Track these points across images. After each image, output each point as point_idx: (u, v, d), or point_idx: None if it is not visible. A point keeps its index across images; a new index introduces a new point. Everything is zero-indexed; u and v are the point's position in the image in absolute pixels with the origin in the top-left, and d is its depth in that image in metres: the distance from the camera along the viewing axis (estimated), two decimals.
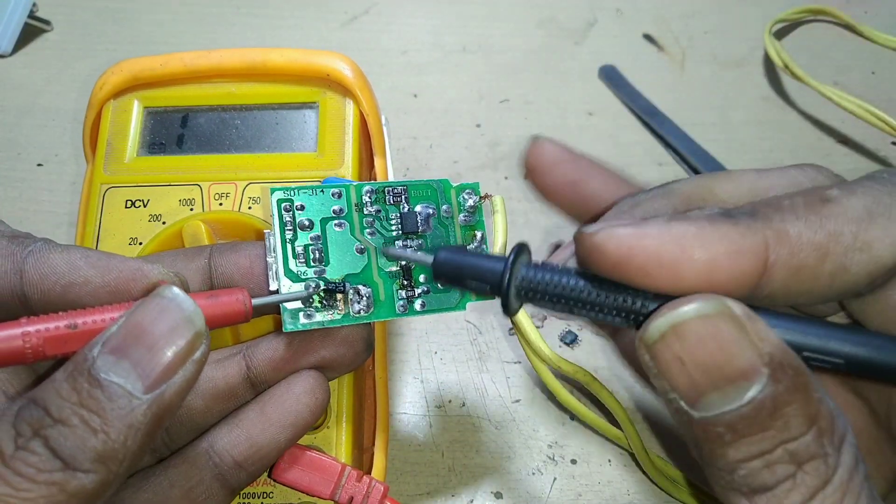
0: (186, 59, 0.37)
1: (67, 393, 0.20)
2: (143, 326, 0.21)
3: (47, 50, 0.54)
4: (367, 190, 0.26)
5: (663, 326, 0.19)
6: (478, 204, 0.27)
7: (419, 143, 0.49)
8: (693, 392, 0.19)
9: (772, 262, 0.19)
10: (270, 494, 0.30)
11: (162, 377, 0.21)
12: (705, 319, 0.19)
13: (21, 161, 0.48)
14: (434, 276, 0.24)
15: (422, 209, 0.27)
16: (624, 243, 0.19)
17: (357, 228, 0.26)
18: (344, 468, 0.29)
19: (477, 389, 0.39)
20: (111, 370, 0.20)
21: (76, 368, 0.20)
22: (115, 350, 0.21)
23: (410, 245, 0.27)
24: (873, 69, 0.53)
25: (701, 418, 0.19)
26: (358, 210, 0.26)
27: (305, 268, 0.25)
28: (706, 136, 0.48)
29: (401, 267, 0.26)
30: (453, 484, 0.36)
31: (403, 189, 0.27)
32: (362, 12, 0.56)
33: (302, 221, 0.26)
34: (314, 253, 0.26)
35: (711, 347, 0.19)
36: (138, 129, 0.37)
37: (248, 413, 0.26)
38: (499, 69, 0.53)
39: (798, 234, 0.19)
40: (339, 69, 0.36)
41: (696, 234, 0.19)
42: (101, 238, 0.34)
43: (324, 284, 0.25)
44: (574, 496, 0.36)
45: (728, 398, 0.19)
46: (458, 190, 0.27)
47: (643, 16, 0.56)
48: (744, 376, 0.19)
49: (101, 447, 0.19)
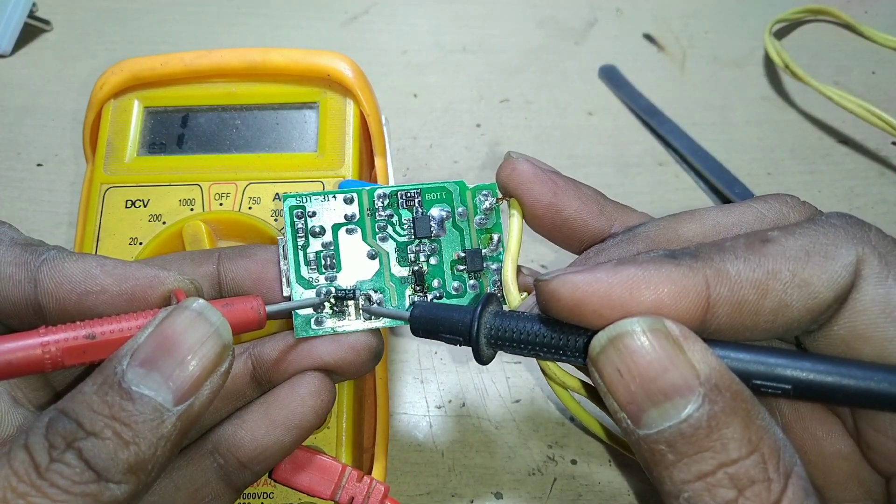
0: (186, 58, 0.37)
1: (99, 405, 0.20)
2: (173, 339, 0.21)
3: (47, 50, 0.54)
4: (380, 194, 0.26)
5: (604, 340, 0.21)
6: (494, 206, 0.27)
7: (419, 143, 0.49)
8: (634, 407, 0.20)
9: (714, 299, 0.21)
10: (271, 495, 0.30)
11: (191, 390, 0.21)
12: (641, 334, 0.20)
13: (21, 161, 0.48)
14: (412, 331, 0.25)
15: (436, 212, 0.26)
16: (578, 289, 0.21)
17: (369, 234, 0.26)
18: (344, 468, 0.29)
19: (477, 389, 0.39)
20: (142, 382, 0.20)
21: (106, 381, 0.20)
22: (145, 362, 0.21)
23: (424, 249, 0.26)
24: (873, 69, 0.53)
25: (644, 435, 0.20)
26: (370, 215, 0.26)
27: (317, 274, 0.25)
28: (706, 136, 0.48)
29: (413, 272, 0.26)
30: (453, 484, 0.36)
31: (417, 192, 0.26)
32: (362, 12, 0.56)
33: (314, 228, 0.26)
34: (326, 259, 0.26)
35: (647, 360, 0.20)
36: (138, 128, 0.37)
37: (253, 414, 0.26)
38: (499, 69, 0.53)
39: (737, 273, 0.21)
40: (340, 69, 0.36)
41: (642, 277, 0.21)
42: (100, 238, 0.34)
43: (335, 291, 0.25)
44: (574, 496, 0.36)
45: (666, 415, 0.20)
46: (474, 191, 0.27)
47: (643, 16, 0.56)
48: (678, 392, 0.19)
49: (132, 459, 0.20)
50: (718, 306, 0.21)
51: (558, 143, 0.49)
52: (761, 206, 0.24)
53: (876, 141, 0.49)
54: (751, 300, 0.21)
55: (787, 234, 0.21)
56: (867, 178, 0.48)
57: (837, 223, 0.22)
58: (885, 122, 0.46)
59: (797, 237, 0.21)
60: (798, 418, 0.25)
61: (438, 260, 0.26)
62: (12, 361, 0.21)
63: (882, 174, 0.48)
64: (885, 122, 0.46)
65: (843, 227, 0.22)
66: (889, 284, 0.21)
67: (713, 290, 0.21)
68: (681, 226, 0.24)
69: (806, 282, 0.21)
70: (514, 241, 0.25)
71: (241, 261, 0.27)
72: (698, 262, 0.21)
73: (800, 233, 0.21)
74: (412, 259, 0.26)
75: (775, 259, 0.21)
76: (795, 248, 0.21)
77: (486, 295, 0.24)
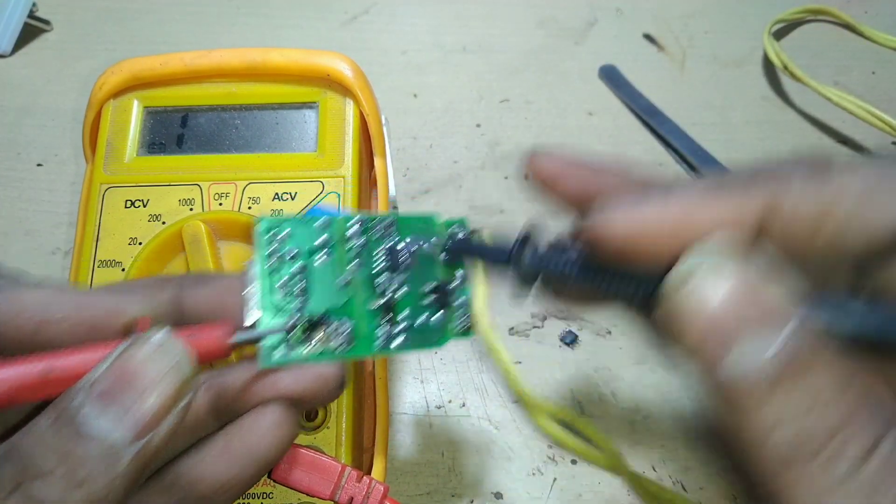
0: (186, 58, 0.37)
1: (51, 443, 0.19)
2: (132, 372, 0.20)
3: (47, 50, 0.54)
4: (354, 222, 0.26)
5: (679, 278, 0.19)
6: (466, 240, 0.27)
7: (419, 143, 0.49)
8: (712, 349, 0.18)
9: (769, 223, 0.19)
10: (270, 495, 0.30)
11: (150, 425, 0.20)
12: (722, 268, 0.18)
13: (21, 161, 0.48)
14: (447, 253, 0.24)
15: (408, 243, 0.26)
16: (630, 218, 0.20)
17: (342, 262, 0.25)
18: (344, 468, 0.29)
19: (477, 389, 0.39)
20: (99, 417, 0.19)
21: (60, 416, 0.19)
22: (103, 396, 0.20)
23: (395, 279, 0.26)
24: (873, 69, 0.53)
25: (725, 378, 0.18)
26: (343, 242, 0.25)
27: (286, 301, 0.25)
28: (706, 136, 0.48)
29: (384, 302, 0.26)
30: (453, 484, 0.36)
31: (392, 222, 0.26)
32: (362, 12, 0.56)
33: (286, 253, 0.25)
34: (296, 286, 0.25)
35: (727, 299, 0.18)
36: (138, 128, 0.37)
37: (213, 447, 0.24)
38: (499, 69, 0.53)
39: (799, 191, 0.19)
40: (340, 69, 0.36)
41: (696, 202, 0.19)
42: (100, 238, 0.34)
43: (305, 318, 0.24)
44: (574, 496, 0.36)
45: (748, 355, 0.18)
46: (446, 225, 0.26)
47: (643, 16, 0.56)
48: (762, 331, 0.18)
49: (84, 499, 0.19)
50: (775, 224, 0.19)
51: (558, 143, 0.49)
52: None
53: (876, 141, 0.49)
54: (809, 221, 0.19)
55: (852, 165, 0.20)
56: None
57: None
58: (885, 122, 0.45)
59: (864, 167, 0.20)
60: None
61: (409, 291, 0.26)
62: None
63: None
64: (884, 122, 0.46)
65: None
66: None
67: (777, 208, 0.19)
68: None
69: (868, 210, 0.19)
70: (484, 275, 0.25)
71: (201, 288, 0.26)
72: (753, 184, 0.20)
73: (865, 164, 0.20)
74: (383, 289, 0.26)
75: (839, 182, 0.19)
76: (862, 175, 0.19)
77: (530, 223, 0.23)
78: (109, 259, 0.33)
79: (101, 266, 0.33)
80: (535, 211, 0.46)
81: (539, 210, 0.24)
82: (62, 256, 0.43)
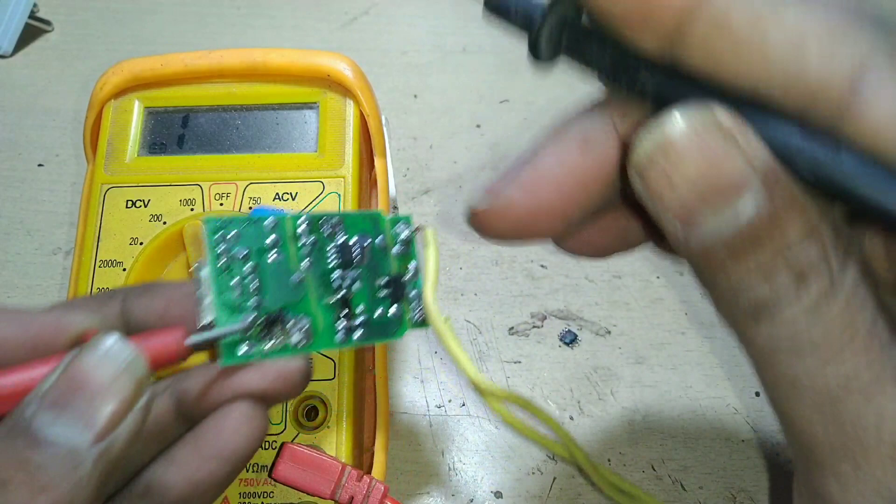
0: (187, 59, 0.37)
1: (7, 454, 0.18)
2: (83, 378, 0.20)
3: (48, 50, 0.54)
4: (302, 221, 0.26)
5: (649, 145, 0.18)
6: (410, 237, 0.27)
7: (419, 143, 0.49)
8: (686, 213, 0.18)
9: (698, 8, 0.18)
10: (271, 494, 0.30)
11: (108, 428, 0.20)
12: (691, 134, 0.18)
13: (21, 161, 0.48)
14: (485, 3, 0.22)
15: (358, 239, 0.26)
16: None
17: (294, 259, 0.25)
18: (344, 468, 0.29)
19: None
20: (53, 425, 0.19)
21: (12, 429, 0.19)
22: (55, 404, 0.19)
23: (348, 275, 0.26)
24: None
25: (700, 241, 0.18)
26: (294, 241, 0.25)
27: (241, 300, 0.24)
28: None
29: (339, 297, 0.26)
30: (453, 484, 0.36)
31: (339, 220, 0.26)
32: (362, 13, 0.56)
33: (237, 252, 0.25)
34: (250, 284, 0.25)
35: (700, 161, 0.18)
36: (139, 129, 0.37)
37: (182, 450, 0.24)
38: (499, 69, 0.53)
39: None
40: (340, 69, 0.36)
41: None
42: (101, 238, 0.34)
43: (262, 316, 0.24)
44: (574, 496, 0.36)
45: (723, 216, 0.18)
46: (392, 222, 0.27)
47: None
48: (735, 191, 0.18)
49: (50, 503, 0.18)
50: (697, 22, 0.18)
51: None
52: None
53: None
54: (736, 33, 0.18)
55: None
56: None
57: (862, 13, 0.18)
58: None
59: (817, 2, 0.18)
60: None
61: (363, 285, 0.26)
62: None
63: None
64: None
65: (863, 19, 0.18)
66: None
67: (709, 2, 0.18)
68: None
69: (803, 47, 0.17)
70: (430, 269, 0.25)
71: (145, 299, 0.25)
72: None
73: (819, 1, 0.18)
74: (337, 285, 0.26)
75: (785, 5, 0.18)
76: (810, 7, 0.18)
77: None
78: (110, 259, 0.34)
79: (101, 266, 0.33)
80: None
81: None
82: (63, 257, 0.43)
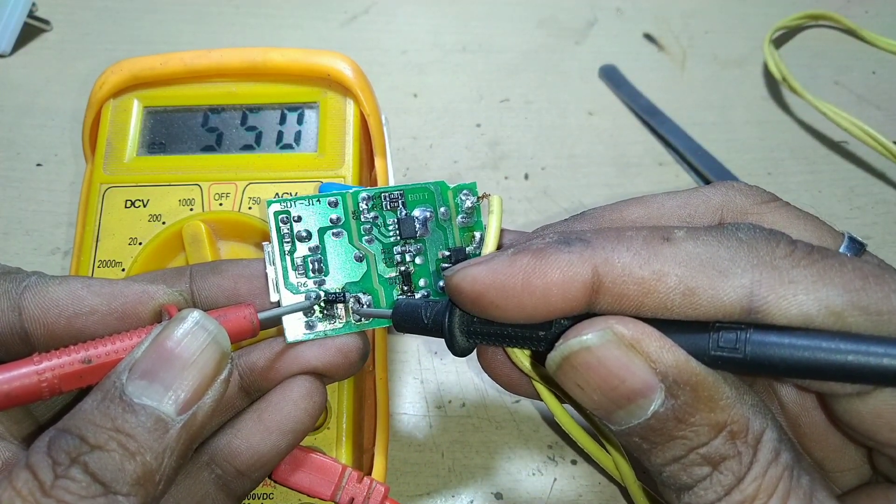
0: (186, 58, 0.37)
1: (101, 419, 0.20)
2: (171, 350, 0.21)
3: (47, 50, 0.54)
4: (364, 197, 0.26)
5: (557, 358, 0.21)
6: (476, 204, 0.27)
7: (419, 142, 0.49)
8: (602, 411, 0.21)
9: (601, 286, 0.21)
10: (271, 496, 0.30)
11: (193, 399, 0.21)
12: (592, 349, 0.20)
13: (20, 161, 0.48)
14: (394, 326, 0.25)
15: (419, 213, 0.27)
16: (477, 282, 0.21)
17: (355, 236, 0.26)
18: (344, 469, 0.29)
19: (477, 389, 0.39)
20: (143, 394, 0.20)
21: (106, 396, 0.20)
22: (145, 374, 0.21)
23: (410, 250, 0.26)
24: (873, 69, 0.53)
25: (618, 430, 0.21)
26: (355, 218, 0.26)
27: (305, 279, 0.26)
28: (706, 136, 0.48)
29: (400, 272, 0.26)
30: (453, 484, 0.36)
31: (400, 194, 0.26)
32: (362, 12, 0.56)
33: (300, 232, 0.26)
34: (313, 263, 0.26)
35: (603, 373, 0.20)
36: (138, 128, 0.37)
37: (247, 422, 0.26)
38: (499, 69, 0.53)
39: (624, 266, 0.20)
40: (340, 69, 0.36)
41: (533, 266, 0.21)
42: (100, 238, 0.34)
43: (324, 295, 0.26)
44: (574, 496, 0.36)
45: (633, 414, 0.20)
46: (455, 191, 0.27)
47: (643, 15, 0.56)
48: (640, 395, 0.20)
49: (139, 470, 0.20)
50: (603, 294, 0.21)
51: (558, 143, 0.49)
52: (710, 191, 0.24)
53: (874, 142, 0.49)
54: (632, 296, 0.20)
55: (691, 238, 0.21)
56: (867, 178, 0.48)
57: (744, 237, 0.21)
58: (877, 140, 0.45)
59: (699, 244, 0.20)
60: (789, 391, 0.25)
61: (424, 259, 0.27)
62: (9, 392, 0.21)
63: (883, 174, 0.48)
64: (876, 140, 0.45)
65: (748, 241, 0.20)
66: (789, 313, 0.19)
67: (602, 278, 0.20)
68: (627, 209, 0.25)
69: (692, 291, 0.20)
70: (491, 237, 0.25)
71: (212, 277, 0.27)
72: (588, 249, 0.21)
73: (704, 240, 0.21)
74: (398, 260, 0.26)
75: (667, 261, 0.20)
76: (692, 254, 0.20)
77: None
78: (109, 259, 0.33)
79: (101, 266, 0.33)
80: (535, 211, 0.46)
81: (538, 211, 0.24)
82: (62, 256, 0.43)
